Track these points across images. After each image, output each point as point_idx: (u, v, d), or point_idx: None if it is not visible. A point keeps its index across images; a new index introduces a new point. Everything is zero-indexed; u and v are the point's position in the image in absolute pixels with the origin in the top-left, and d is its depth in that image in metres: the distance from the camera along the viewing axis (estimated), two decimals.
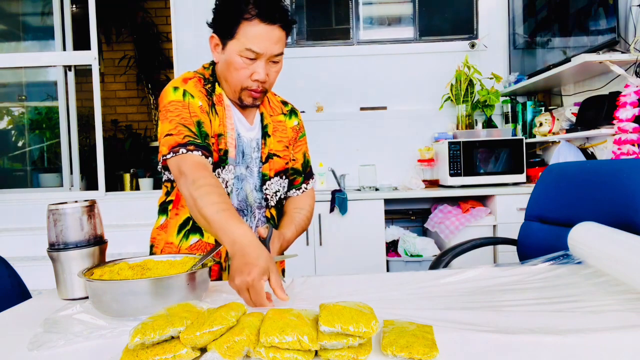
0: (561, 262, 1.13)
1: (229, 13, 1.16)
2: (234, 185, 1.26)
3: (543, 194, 1.68)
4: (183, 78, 1.24)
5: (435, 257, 1.81)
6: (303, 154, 1.43)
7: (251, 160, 1.29)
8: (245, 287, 0.90)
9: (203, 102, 1.21)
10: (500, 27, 3.62)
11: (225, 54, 1.19)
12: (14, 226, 3.52)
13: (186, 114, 1.16)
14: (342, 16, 3.73)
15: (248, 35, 1.14)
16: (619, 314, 0.81)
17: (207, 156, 1.15)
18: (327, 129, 3.63)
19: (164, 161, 1.15)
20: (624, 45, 2.32)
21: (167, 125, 1.16)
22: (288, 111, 1.42)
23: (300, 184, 1.42)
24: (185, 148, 1.12)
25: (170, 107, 1.17)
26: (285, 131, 1.38)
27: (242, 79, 1.19)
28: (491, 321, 0.79)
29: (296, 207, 1.38)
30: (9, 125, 4.41)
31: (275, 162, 1.33)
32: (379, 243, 3.01)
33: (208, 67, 1.30)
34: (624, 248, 0.98)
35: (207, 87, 1.25)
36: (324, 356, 0.65)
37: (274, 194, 1.33)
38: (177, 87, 1.20)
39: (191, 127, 1.15)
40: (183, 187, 1.08)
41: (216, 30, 1.21)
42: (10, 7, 4.33)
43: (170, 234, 1.27)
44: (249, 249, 0.94)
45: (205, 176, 1.08)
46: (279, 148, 1.34)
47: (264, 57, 1.16)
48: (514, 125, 3.38)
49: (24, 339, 0.76)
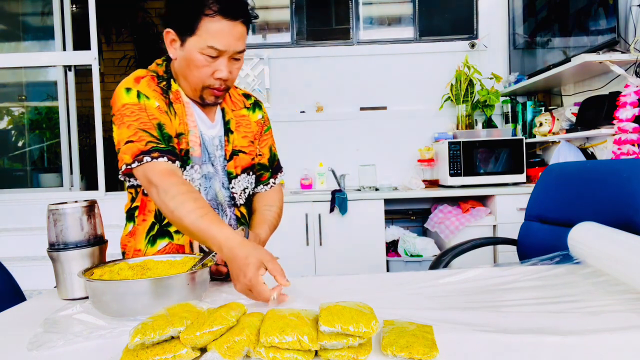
0: (561, 262, 1.13)
1: (187, 8, 1.09)
2: (202, 184, 1.22)
3: (543, 194, 1.68)
4: (135, 77, 1.17)
5: (435, 257, 1.81)
6: (269, 148, 1.38)
7: (215, 158, 1.24)
8: (247, 289, 0.92)
9: (160, 101, 1.15)
10: (500, 27, 3.62)
11: (184, 51, 1.13)
12: (13, 226, 3.52)
13: (144, 117, 1.11)
14: (342, 16, 3.72)
15: (210, 32, 1.08)
16: (618, 314, 0.81)
17: (174, 160, 1.10)
18: (327, 129, 3.63)
19: (128, 169, 1.09)
20: (624, 45, 2.32)
21: (126, 131, 1.10)
22: (251, 104, 1.36)
23: (267, 180, 1.38)
24: (150, 156, 1.07)
25: (125, 110, 1.11)
26: (250, 125, 1.32)
27: (203, 77, 1.14)
28: (491, 321, 0.79)
29: (266, 205, 1.34)
30: (9, 125, 4.40)
31: (241, 159, 1.28)
32: (379, 243, 3.01)
33: (161, 64, 1.23)
34: (624, 248, 0.98)
35: (161, 85, 1.18)
36: (324, 356, 0.65)
37: (242, 191, 1.30)
38: (129, 88, 1.13)
39: (152, 132, 1.10)
40: (156, 198, 1.05)
41: (173, 26, 1.13)
42: (10, 7, 4.33)
43: (139, 241, 1.23)
44: (236, 250, 0.94)
45: (176, 183, 1.05)
46: (244, 144, 1.29)
47: (227, 54, 1.12)
48: (514, 125, 3.38)
49: (24, 339, 0.76)
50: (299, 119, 3.63)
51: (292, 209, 2.97)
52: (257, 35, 3.80)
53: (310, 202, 3.00)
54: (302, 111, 3.64)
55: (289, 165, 3.56)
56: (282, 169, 1.43)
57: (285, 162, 3.90)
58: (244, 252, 0.94)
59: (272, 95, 3.65)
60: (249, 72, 3.62)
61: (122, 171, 1.12)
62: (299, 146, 3.63)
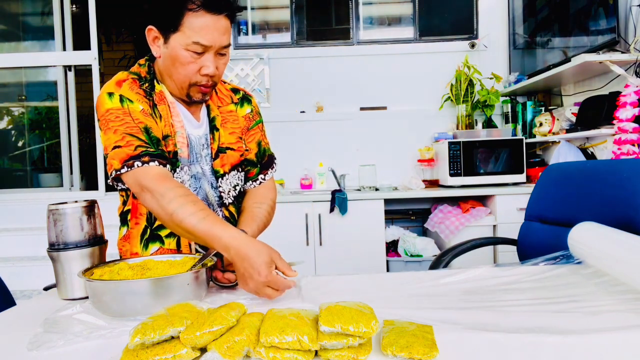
0: (561, 262, 1.13)
1: (170, 3, 1.06)
2: (192, 185, 1.20)
3: (543, 194, 1.68)
4: (116, 81, 1.14)
5: (435, 257, 1.81)
6: (257, 143, 1.33)
7: (201, 158, 1.22)
8: (262, 287, 0.93)
9: (143, 104, 1.12)
10: (500, 27, 3.62)
11: (168, 48, 1.10)
12: (14, 226, 3.52)
13: (130, 122, 1.08)
14: (342, 16, 3.73)
15: (194, 27, 1.05)
16: (619, 314, 0.81)
17: (165, 164, 1.08)
18: (327, 129, 3.63)
19: (118, 175, 1.07)
20: (624, 45, 2.32)
21: (113, 137, 1.07)
22: (239, 99, 1.32)
23: (256, 176, 1.33)
24: (140, 160, 1.05)
25: (109, 116, 1.09)
26: (237, 121, 1.29)
27: (189, 74, 1.11)
28: (491, 321, 0.79)
29: (255, 202, 1.29)
30: (9, 125, 4.41)
31: (229, 156, 1.25)
32: (379, 243, 3.01)
33: (144, 64, 1.20)
34: (624, 248, 0.98)
35: (144, 87, 1.15)
36: (324, 356, 0.65)
37: (232, 188, 1.27)
38: (111, 92, 1.11)
39: (140, 136, 1.08)
40: (151, 203, 1.03)
41: (155, 22, 1.10)
42: (10, 7, 4.33)
43: (134, 245, 1.21)
44: (245, 250, 0.94)
45: (172, 187, 1.03)
46: (231, 140, 1.26)
47: (213, 49, 1.09)
48: (514, 125, 3.38)
49: (24, 339, 0.76)
50: (299, 119, 3.63)
51: (292, 209, 2.97)
52: (257, 35, 3.80)
53: (310, 202, 3.00)
54: (302, 111, 3.64)
55: (289, 165, 3.56)
56: (275, 166, 1.37)
57: (286, 162, 3.90)
58: (254, 251, 0.94)
59: (272, 95, 3.65)
60: (249, 72, 3.62)
61: (111, 177, 1.10)
62: (299, 146, 3.63)
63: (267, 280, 0.92)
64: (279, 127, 3.57)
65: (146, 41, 1.15)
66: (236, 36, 3.69)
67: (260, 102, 3.56)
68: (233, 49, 3.65)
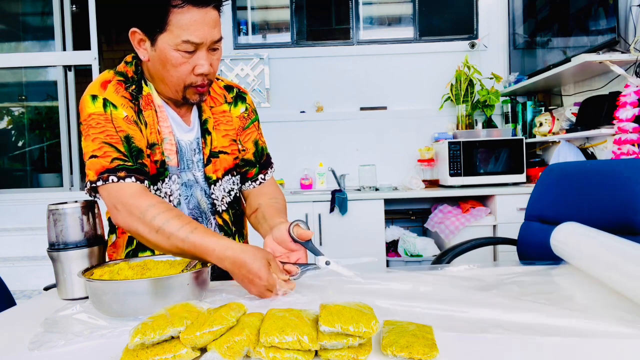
0: (561, 262, 1.13)
1: (151, 1, 0.98)
2: (183, 193, 1.14)
3: (543, 194, 1.68)
4: (101, 81, 1.07)
5: (435, 257, 1.81)
6: (254, 142, 1.25)
7: (193, 164, 1.14)
8: (265, 290, 0.93)
9: (127, 110, 1.05)
10: (500, 27, 3.62)
11: (156, 50, 1.02)
12: (13, 226, 3.52)
13: (111, 129, 1.02)
14: (342, 16, 3.73)
15: (182, 25, 0.97)
16: (619, 315, 0.81)
17: (142, 180, 1.02)
18: (327, 129, 3.63)
19: (92, 186, 1.02)
20: (624, 45, 2.32)
21: (91, 145, 1.01)
22: (233, 98, 1.23)
23: (255, 176, 1.26)
24: (116, 175, 0.99)
25: (91, 121, 1.02)
26: (231, 122, 1.20)
27: (183, 76, 1.03)
28: (491, 321, 0.79)
29: (271, 198, 1.23)
30: (9, 125, 4.40)
31: (222, 160, 1.18)
32: (379, 243, 3.01)
33: (130, 62, 1.11)
34: (607, 250, 0.97)
35: (130, 90, 1.08)
36: (324, 356, 0.65)
37: (226, 194, 1.20)
38: (95, 95, 1.04)
39: (119, 146, 1.01)
40: (129, 221, 0.97)
41: (138, 24, 1.02)
42: (10, 7, 4.33)
43: (120, 254, 1.18)
44: (241, 257, 0.93)
45: (153, 204, 0.97)
46: (224, 143, 1.18)
47: (204, 46, 1.01)
48: (514, 125, 3.38)
49: (24, 339, 0.76)
50: (299, 119, 3.63)
51: (292, 209, 2.94)
52: (257, 35, 3.80)
53: (310, 202, 3.00)
54: (302, 111, 3.64)
55: (289, 165, 3.56)
56: (273, 165, 1.31)
57: (286, 162, 3.90)
58: (250, 257, 0.93)
59: (272, 95, 3.65)
60: (249, 72, 3.62)
61: (87, 188, 1.04)
62: (299, 146, 3.63)
63: (269, 284, 0.92)
64: (279, 127, 3.57)
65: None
66: (236, 36, 3.69)
67: (260, 102, 3.56)
68: (233, 49, 3.65)
